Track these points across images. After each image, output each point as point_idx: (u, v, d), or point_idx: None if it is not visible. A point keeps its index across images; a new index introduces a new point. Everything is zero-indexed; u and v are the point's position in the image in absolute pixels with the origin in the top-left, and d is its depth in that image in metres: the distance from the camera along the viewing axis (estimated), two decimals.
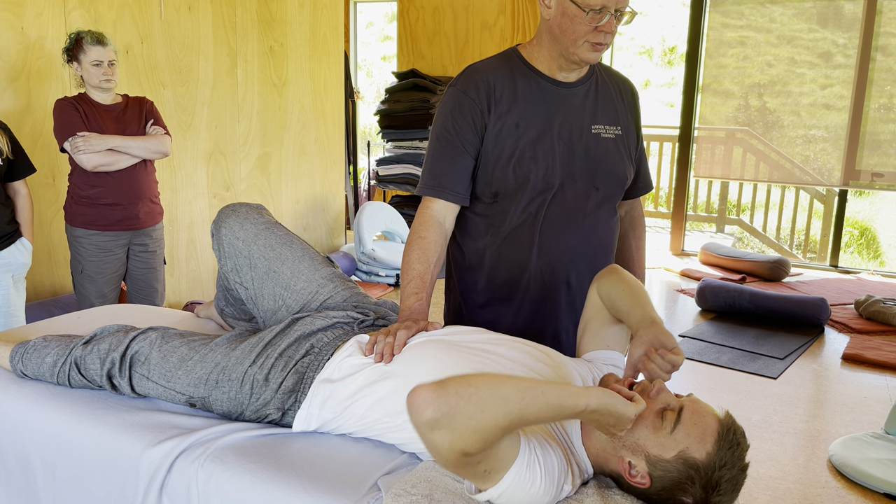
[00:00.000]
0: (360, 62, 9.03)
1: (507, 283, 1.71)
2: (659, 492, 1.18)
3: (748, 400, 3.35)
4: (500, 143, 1.63)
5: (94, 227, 3.01)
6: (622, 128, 1.71)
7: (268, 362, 1.45)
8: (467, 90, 1.63)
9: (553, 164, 1.63)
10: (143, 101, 3.14)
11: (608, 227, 1.73)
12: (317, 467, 1.31)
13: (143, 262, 3.18)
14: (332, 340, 1.49)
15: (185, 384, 1.49)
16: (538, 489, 1.13)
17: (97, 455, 1.45)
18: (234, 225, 1.68)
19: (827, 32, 5.54)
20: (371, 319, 1.58)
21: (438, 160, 1.65)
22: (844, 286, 5.27)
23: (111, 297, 3.11)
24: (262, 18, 4.65)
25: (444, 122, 1.66)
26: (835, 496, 2.56)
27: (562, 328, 1.74)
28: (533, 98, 1.64)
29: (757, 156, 6.00)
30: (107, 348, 1.57)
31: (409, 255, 1.60)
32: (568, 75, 1.65)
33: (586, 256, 1.70)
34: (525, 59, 1.66)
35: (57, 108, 2.93)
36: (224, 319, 1.95)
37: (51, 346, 1.64)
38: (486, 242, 1.71)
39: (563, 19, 1.54)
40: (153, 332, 1.58)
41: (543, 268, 1.68)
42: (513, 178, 1.63)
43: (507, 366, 1.36)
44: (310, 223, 5.38)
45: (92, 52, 2.90)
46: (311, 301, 1.64)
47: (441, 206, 1.64)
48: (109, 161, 2.94)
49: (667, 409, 1.20)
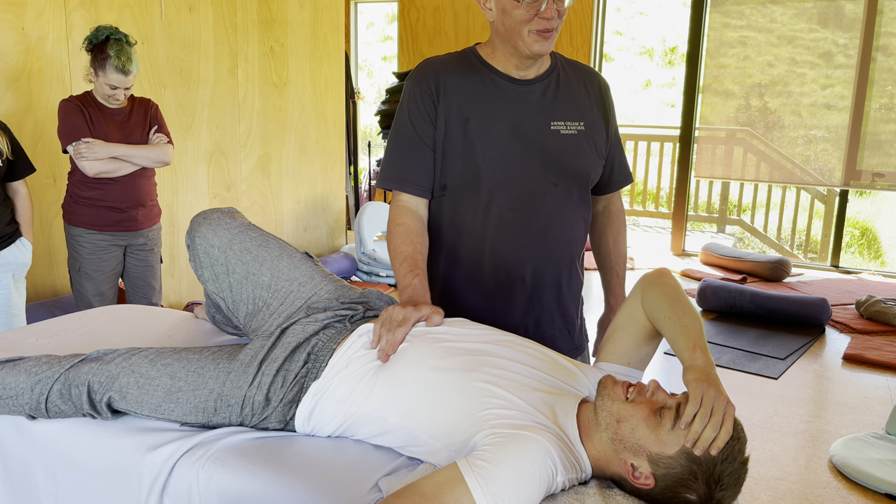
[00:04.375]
0: (360, 62, 9.03)
1: (464, 277, 1.69)
2: (663, 491, 1.18)
3: (749, 400, 3.34)
4: (448, 135, 1.62)
5: (93, 226, 3.01)
6: (586, 123, 1.67)
7: (265, 381, 1.42)
8: (420, 81, 1.64)
9: (504, 161, 1.61)
10: (149, 105, 3.13)
11: (569, 223, 1.69)
12: (318, 468, 1.31)
13: (141, 259, 3.18)
14: (328, 343, 1.47)
15: (180, 414, 1.44)
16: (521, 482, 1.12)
17: (99, 458, 1.45)
18: (208, 233, 1.64)
19: (828, 32, 5.53)
20: (360, 313, 1.56)
21: (398, 153, 1.66)
22: (845, 286, 5.27)
23: (109, 295, 3.11)
24: (263, 19, 4.65)
25: (400, 113, 1.67)
26: (836, 496, 2.56)
27: (519, 325, 1.70)
28: (487, 95, 1.62)
29: (758, 156, 6.00)
30: (73, 405, 1.48)
31: (393, 242, 1.61)
32: (525, 73, 1.64)
33: (542, 253, 1.67)
34: (482, 58, 1.66)
35: (62, 109, 2.91)
36: (216, 325, 1.94)
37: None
38: (440, 236, 1.69)
39: (504, 17, 1.54)
40: (109, 366, 1.47)
41: (497, 264, 1.66)
42: (461, 172, 1.62)
43: (503, 364, 1.35)
44: (310, 223, 5.38)
45: (112, 77, 2.87)
46: (294, 300, 1.60)
47: (411, 199, 1.65)
48: (111, 169, 2.95)
49: (664, 408, 1.20)
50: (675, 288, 1.41)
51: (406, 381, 1.35)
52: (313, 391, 1.40)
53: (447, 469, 1.13)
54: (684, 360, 1.26)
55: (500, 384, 1.30)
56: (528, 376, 1.34)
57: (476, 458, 1.13)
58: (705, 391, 1.17)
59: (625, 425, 1.21)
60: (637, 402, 1.23)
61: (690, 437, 1.14)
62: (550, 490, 1.17)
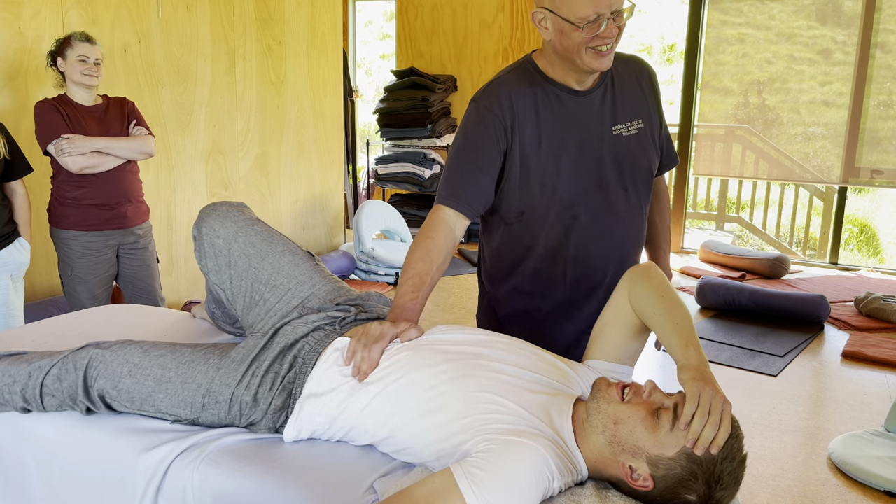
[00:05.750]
0: (358, 60, 9.02)
1: (542, 292, 1.72)
2: (662, 492, 1.17)
3: (748, 397, 3.34)
4: (524, 160, 1.62)
5: (82, 227, 2.96)
6: (644, 119, 1.71)
7: (254, 381, 1.42)
8: (491, 106, 1.62)
9: (578, 175, 1.63)
10: (125, 102, 3.11)
11: (640, 222, 1.74)
12: (312, 470, 1.31)
13: (135, 259, 3.14)
14: (315, 346, 1.46)
15: (170, 406, 1.45)
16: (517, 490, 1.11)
17: (93, 460, 1.44)
18: (215, 223, 1.65)
19: (826, 29, 5.53)
20: (352, 315, 1.55)
21: (456, 173, 1.64)
22: (844, 283, 5.27)
23: (102, 298, 3.07)
24: (261, 17, 4.64)
25: (465, 136, 1.65)
26: (835, 494, 2.56)
27: (590, 326, 1.72)
28: (553, 111, 1.63)
29: (756, 153, 5.99)
30: (68, 388, 1.49)
31: (414, 254, 1.58)
32: (585, 83, 1.64)
33: (620, 258, 1.72)
34: (541, 71, 1.65)
35: (38, 110, 2.88)
36: (215, 322, 1.93)
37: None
38: (516, 258, 1.71)
39: (561, 37, 1.53)
40: (105, 352, 1.50)
41: (578, 275, 1.70)
42: (538, 194, 1.63)
43: (495, 367, 1.34)
44: (309, 222, 5.38)
45: (79, 47, 2.88)
46: (291, 297, 1.60)
47: (453, 215, 1.61)
48: (95, 163, 2.91)
49: (661, 409, 1.19)
50: (663, 282, 1.40)
51: (395, 392, 1.33)
52: (299, 411, 1.39)
53: (441, 475, 1.12)
54: (678, 358, 1.25)
55: (492, 388, 1.29)
56: (521, 378, 1.33)
57: (470, 465, 1.13)
58: (702, 390, 1.16)
59: (622, 427, 1.20)
60: (634, 403, 1.22)
61: (690, 437, 1.14)
62: (546, 496, 1.17)
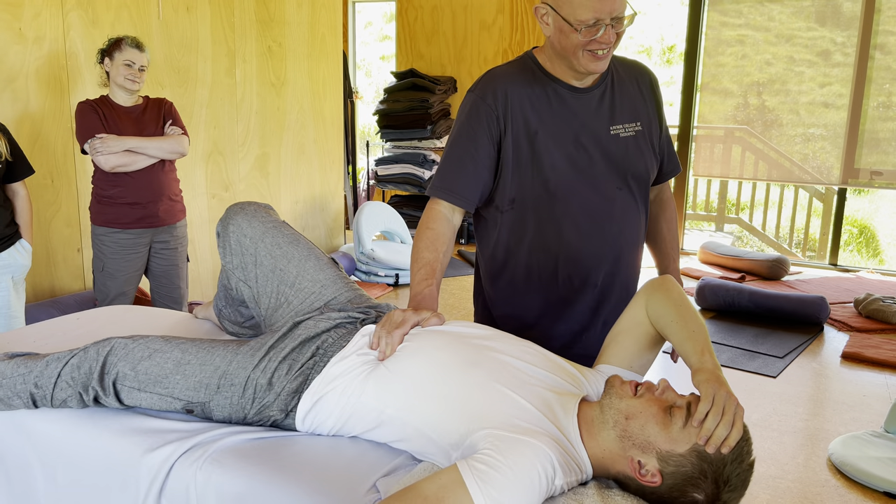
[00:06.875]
0: (358, 62, 9.03)
1: (535, 289, 1.72)
2: (670, 489, 1.18)
3: (748, 399, 3.35)
4: (517, 151, 1.63)
5: (116, 225, 3.06)
6: (642, 122, 1.71)
7: (271, 366, 1.44)
8: (485, 96, 1.64)
9: (572, 171, 1.64)
10: (163, 102, 3.19)
11: (636, 224, 1.74)
12: (315, 469, 1.31)
13: (165, 258, 3.22)
14: (337, 341, 1.49)
15: (184, 388, 1.47)
16: (521, 487, 1.12)
17: (97, 459, 1.45)
18: (243, 222, 1.69)
19: (825, 31, 5.53)
20: (372, 317, 1.59)
21: (450, 164, 1.67)
22: (844, 284, 5.27)
23: (131, 294, 3.17)
24: (261, 18, 4.65)
25: (460, 127, 1.68)
26: (834, 495, 2.56)
27: (589, 325, 1.75)
28: (551, 106, 1.64)
29: (756, 154, 6.00)
30: (83, 377, 1.49)
31: (418, 245, 1.63)
32: (584, 81, 1.66)
33: (614, 257, 1.72)
34: (541, 66, 1.67)
35: (78, 111, 3.00)
36: (220, 322, 1.94)
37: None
38: (509, 251, 1.72)
39: (560, 36, 1.55)
40: (128, 340, 1.52)
41: (571, 272, 1.70)
42: (530, 185, 1.64)
43: (504, 360, 1.36)
44: (309, 223, 5.38)
45: (128, 52, 2.97)
46: (314, 300, 1.64)
47: (448, 207, 1.67)
48: (126, 162, 2.99)
49: (674, 406, 1.21)
50: (680, 294, 1.44)
51: (406, 370, 1.36)
52: (315, 387, 1.42)
53: (447, 471, 1.14)
54: (693, 363, 1.28)
55: (501, 380, 1.31)
56: (530, 374, 1.35)
57: (476, 462, 1.14)
58: (717, 390, 1.19)
59: (634, 422, 1.22)
60: (647, 399, 1.24)
61: (703, 434, 1.16)
62: (550, 493, 1.18)
